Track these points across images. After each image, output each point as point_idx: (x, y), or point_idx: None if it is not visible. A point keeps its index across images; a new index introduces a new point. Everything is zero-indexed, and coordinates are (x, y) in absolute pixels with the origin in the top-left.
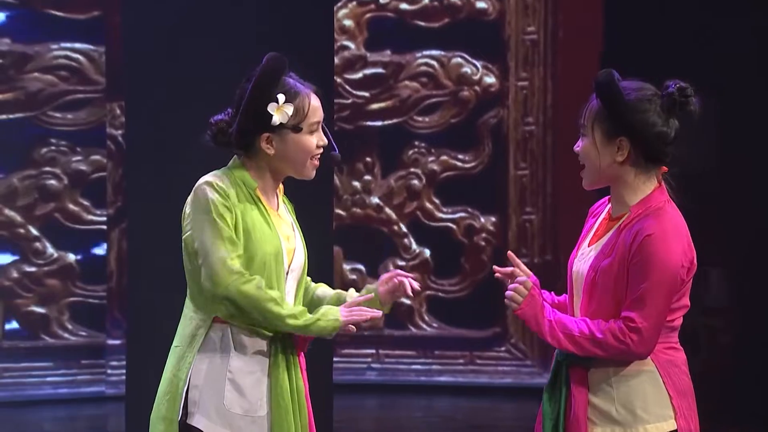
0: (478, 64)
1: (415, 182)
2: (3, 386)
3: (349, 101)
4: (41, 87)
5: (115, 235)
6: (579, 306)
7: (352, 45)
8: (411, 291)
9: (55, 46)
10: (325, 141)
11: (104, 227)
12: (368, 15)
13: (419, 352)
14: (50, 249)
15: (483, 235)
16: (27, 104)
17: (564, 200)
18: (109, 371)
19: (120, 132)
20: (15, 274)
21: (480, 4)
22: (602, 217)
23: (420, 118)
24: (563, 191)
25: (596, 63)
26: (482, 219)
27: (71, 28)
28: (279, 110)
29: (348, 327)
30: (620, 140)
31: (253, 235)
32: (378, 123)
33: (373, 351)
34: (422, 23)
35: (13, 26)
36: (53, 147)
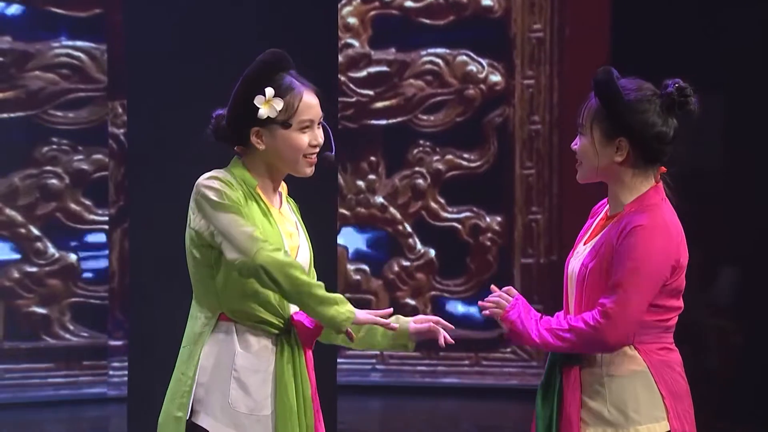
0: (484, 62)
1: (420, 181)
2: (4, 388)
3: (353, 100)
4: (42, 85)
5: (117, 235)
6: (573, 305)
7: (357, 43)
8: (443, 342)
9: (57, 44)
10: (320, 141)
11: (106, 227)
12: (372, 13)
13: (424, 354)
14: (51, 249)
15: (489, 235)
16: (28, 103)
17: (571, 200)
18: (111, 372)
19: (122, 131)
20: (16, 275)
21: (485, 2)
22: (600, 217)
23: (425, 117)
24: (570, 191)
25: (603, 61)
26: (488, 219)
27: (72, 26)
28: (267, 104)
29: (369, 319)
30: (619, 141)
31: None
32: (382, 122)
33: (378, 352)
34: (427, 21)
35: (14, 24)
36: (54, 146)
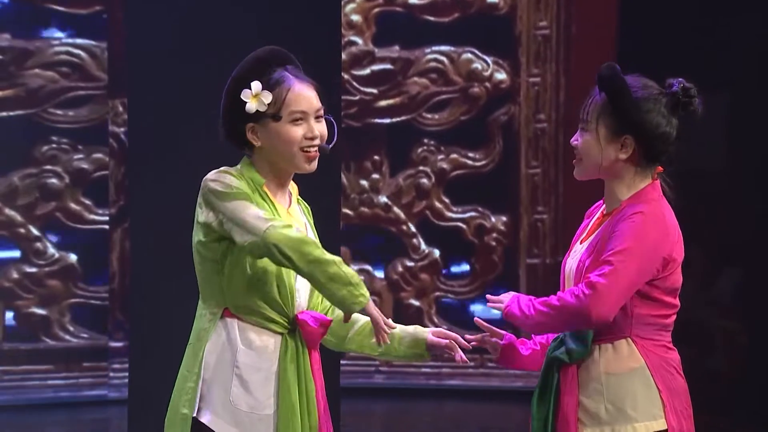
0: (489, 60)
1: (424, 181)
2: (3, 389)
3: (357, 98)
4: (42, 83)
5: (118, 235)
6: None
7: (360, 40)
8: (458, 360)
9: (57, 42)
10: (316, 133)
11: (106, 227)
12: (376, 10)
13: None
14: (51, 249)
15: (494, 235)
16: (27, 101)
17: (576, 199)
18: (112, 374)
19: (122, 129)
20: (15, 275)
21: None
22: (596, 217)
23: (429, 115)
24: (576, 190)
25: (610, 59)
26: (493, 218)
27: (73, 24)
28: (255, 98)
29: (372, 314)
30: (625, 138)
31: None
32: (386, 120)
33: None
34: (431, 18)
35: (14, 21)
36: (54, 145)
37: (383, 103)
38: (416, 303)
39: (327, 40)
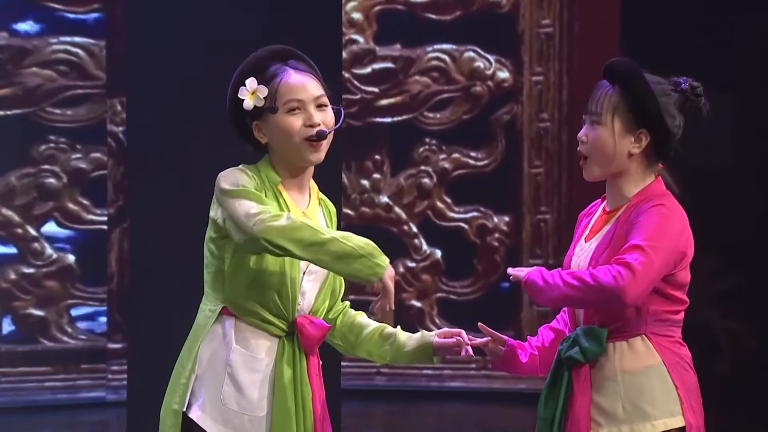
0: (491, 59)
1: (426, 181)
2: (1, 391)
3: (358, 97)
4: (40, 82)
5: (116, 236)
6: None
7: (361, 39)
8: (464, 355)
9: (54, 41)
10: (316, 120)
11: (105, 227)
12: (377, 8)
13: None
14: (49, 249)
15: (496, 236)
16: (25, 100)
17: (580, 199)
18: (110, 376)
19: (121, 129)
20: (13, 276)
21: None
22: (597, 215)
23: (431, 115)
24: (579, 190)
25: (613, 57)
26: (495, 219)
27: (71, 22)
28: (252, 95)
29: (385, 285)
30: (640, 132)
31: None
32: (387, 119)
33: None
34: (433, 16)
35: (11, 20)
36: (52, 144)
37: (384, 102)
38: (418, 304)
39: (328, 39)
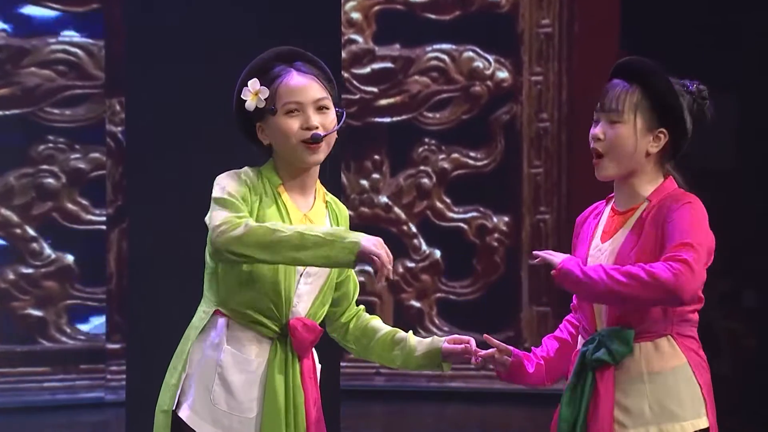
0: (491, 59)
1: (425, 181)
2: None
3: (357, 97)
4: (39, 82)
5: (115, 236)
6: (603, 306)
7: (360, 38)
8: (474, 361)
9: (53, 40)
10: (313, 123)
11: (104, 227)
12: (377, 7)
13: None
14: (48, 250)
15: (495, 236)
16: (24, 100)
17: (579, 199)
18: (109, 376)
19: (120, 129)
20: (11, 276)
21: None
22: (606, 216)
23: (430, 115)
24: (578, 190)
25: (613, 57)
26: (495, 219)
27: (69, 22)
28: (254, 96)
29: (372, 258)
30: (659, 132)
31: None
32: (387, 119)
33: None
34: (432, 16)
35: (10, 19)
36: (51, 144)
37: (384, 102)
38: (417, 304)
39: (327, 39)
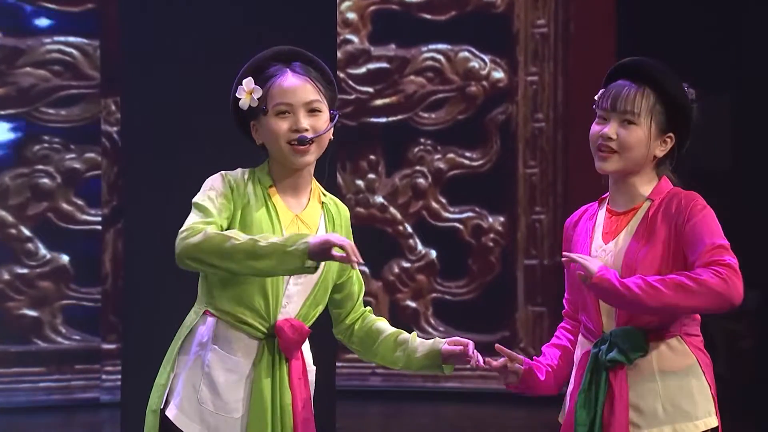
0: (486, 59)
1: (421, 181)
2: None
3: (353, 97)
4: (34, 82)
5: (110, 236)
6: (613, 308)
7: (356, 39)
8: (474, 364)
9: (48, 40)
10: (302, 125)
11: (99, 227)
12: (372, 8)
13: None
14: (43, 250)
15: (491, 236)
16: (19, 100)
17: (575, 199)
18: (104, 377)
19: (115, 129)
20: (6, 276)
21: None
22: (602, 217)
23: (426, 115)
24: (574, 190)
25: (609, 58)
26: (490, 219)
27: (65, 21)
28: (248, 95)
29: (328, 251)
30: (668, 136)
31: (248, 232)
32: (382, 119)
33: None
34: (428, 16)
35: (5, 19)
36: (46, 144)
37: (379, 102)
38: (413, 304)
39: (322, 39)
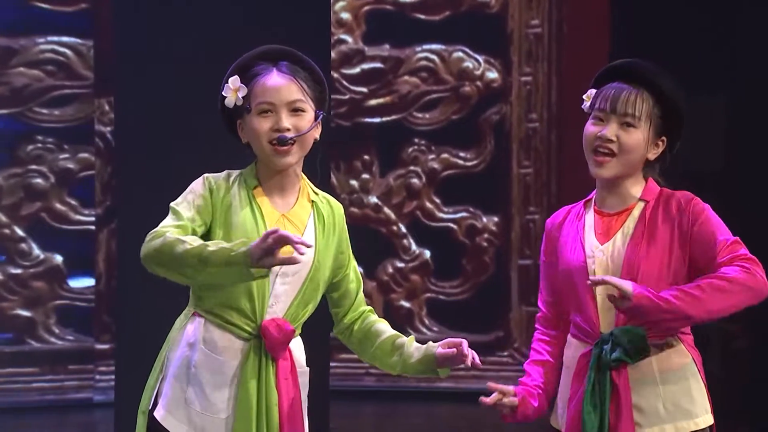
0: (480, 59)
1: (415, 181)
2: None
3: (347, 97)
4: (27, 82)
5: (104, 236)
6: (600, 304)
7: (350, 39)
8: (470, 363)
9: (42, 40)
10: (284, 125)
11: (92, 227)
12: (366, 8)
13: None
14: (36, 250)
15: (485, 236)
16: (12, 100)
17: (569, 200)
18: (98, 377)
19: (109, 129)
20: (0, 276)
21: None
22: (591, 218)
23: (420, 115)
24: (568, 190)
25: (603, 58)
26: (484, 219)
27: (58, 21)
28: (233, 93)
29: (270, 248)
30: (662, 139)
31: (232, 233)
32: (376, 120)
33: None
34: (422, 16)
35: None
36: (39, 144)
37: (373, 102)
38: (407, 305)
39: (316, 39)
